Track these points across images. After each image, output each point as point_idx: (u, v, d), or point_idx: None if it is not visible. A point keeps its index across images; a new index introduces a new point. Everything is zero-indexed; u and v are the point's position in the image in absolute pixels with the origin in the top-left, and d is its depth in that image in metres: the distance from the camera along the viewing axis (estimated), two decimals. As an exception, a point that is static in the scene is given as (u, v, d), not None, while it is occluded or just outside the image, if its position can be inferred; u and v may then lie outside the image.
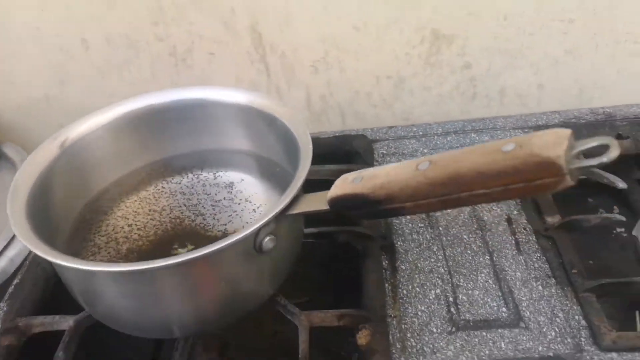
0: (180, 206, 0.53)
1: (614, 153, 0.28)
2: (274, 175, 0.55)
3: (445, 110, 0.88)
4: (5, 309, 0.54)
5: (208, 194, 0.54)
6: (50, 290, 0.57)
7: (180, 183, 0.56)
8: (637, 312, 0.60)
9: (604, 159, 0.28)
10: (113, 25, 0.79)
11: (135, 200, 0.54)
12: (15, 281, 0.57)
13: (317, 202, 0.39)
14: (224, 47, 0.82)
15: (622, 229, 0.61)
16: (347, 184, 0.36)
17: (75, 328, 0.49)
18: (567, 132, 0.29)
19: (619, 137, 0.66)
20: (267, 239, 0.40)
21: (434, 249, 0.56)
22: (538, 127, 0.69)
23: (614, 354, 0.45)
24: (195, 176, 0.56)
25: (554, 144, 0.28)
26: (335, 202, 0.36)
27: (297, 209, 0.39)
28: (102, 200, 0.55)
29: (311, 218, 0.64)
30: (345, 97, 0.87)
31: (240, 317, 0.47)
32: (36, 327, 0.51)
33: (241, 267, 0.41)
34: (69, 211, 0.52)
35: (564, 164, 0.28)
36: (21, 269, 0.59)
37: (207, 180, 0.56)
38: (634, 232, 0.56)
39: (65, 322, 0.50)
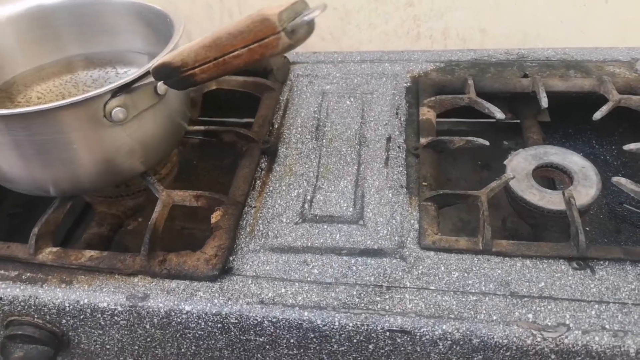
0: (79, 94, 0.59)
1: (314, 14, 0.32)
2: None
3: (391, 49, 0.90)
4: None
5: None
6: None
7: (91, 77, 0.62)
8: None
9: (305, 17, 0.32)
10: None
11: (52, 84, 0.61)
12: None
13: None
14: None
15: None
16: (165, 56, 0.40)
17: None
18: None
19: (524, 76, 0.67)
20: (116, 109, 0.46)
21: (312, 157, 0.61)
22: (450, 62, 0.71)
23: (431, 253, 0.49)
24: (105, 72, 0.62)
25: (277, 7, 0.32)
26: (155, 71, 0.41)
27: (138, 83, 0.44)
28: (24, 78, 0.62)
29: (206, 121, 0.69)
30: (294, 28, 0.91)
31: (108, 184, 0.54)
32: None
33: (94, 133, 0.47)
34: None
35: (276, 21, 0.32)
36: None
37: (111, 77, 0.61)
38: (505, 162, 0.59)
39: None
